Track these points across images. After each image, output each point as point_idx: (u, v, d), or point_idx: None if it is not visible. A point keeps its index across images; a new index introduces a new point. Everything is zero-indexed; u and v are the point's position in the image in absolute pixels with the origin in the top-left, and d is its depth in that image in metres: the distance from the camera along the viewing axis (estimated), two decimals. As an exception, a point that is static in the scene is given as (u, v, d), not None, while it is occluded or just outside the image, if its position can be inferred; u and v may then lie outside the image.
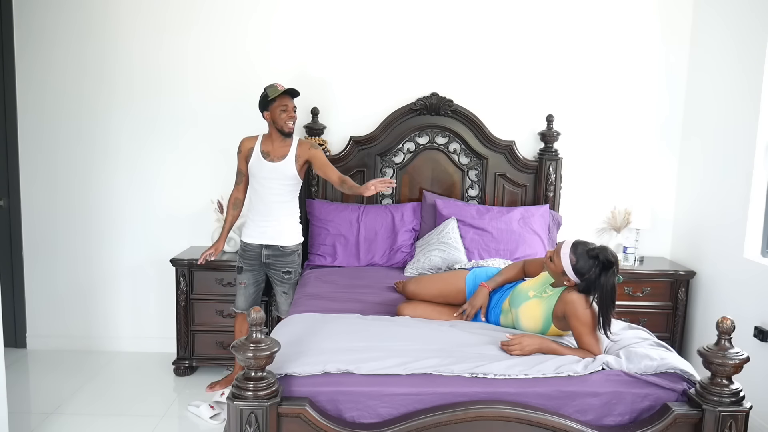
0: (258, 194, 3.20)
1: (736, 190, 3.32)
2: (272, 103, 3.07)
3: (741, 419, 1.97)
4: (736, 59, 3.37)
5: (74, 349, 3.95)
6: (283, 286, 3.25)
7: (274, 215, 3.18)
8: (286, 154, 3.14)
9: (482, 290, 2.62)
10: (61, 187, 3.89)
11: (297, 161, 3.15)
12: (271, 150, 3.15)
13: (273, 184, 3.14)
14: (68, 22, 3.75)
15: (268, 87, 3.11)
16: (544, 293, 2.43)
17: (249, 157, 3.18)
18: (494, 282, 2.64)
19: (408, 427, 1.95)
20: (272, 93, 3.06)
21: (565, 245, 2.32)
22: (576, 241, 2.34)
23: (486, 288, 2.62)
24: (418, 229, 3.69)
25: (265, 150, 3.16)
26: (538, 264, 2.60)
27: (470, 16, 3.81)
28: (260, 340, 1.89)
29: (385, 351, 2.16)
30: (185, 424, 3.12)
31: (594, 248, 2.29)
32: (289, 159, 3.13)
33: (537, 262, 2.62)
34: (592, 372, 2.08)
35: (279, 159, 3.13)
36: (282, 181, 3.15)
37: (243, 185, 3.28)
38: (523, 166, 3.83)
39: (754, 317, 3.09)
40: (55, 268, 3.94)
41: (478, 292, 2.63)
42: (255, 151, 3.17)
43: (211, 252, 3.24)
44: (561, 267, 2.31)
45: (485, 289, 2.62)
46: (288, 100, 3.10)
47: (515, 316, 2.48)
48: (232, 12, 3.78)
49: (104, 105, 3.83)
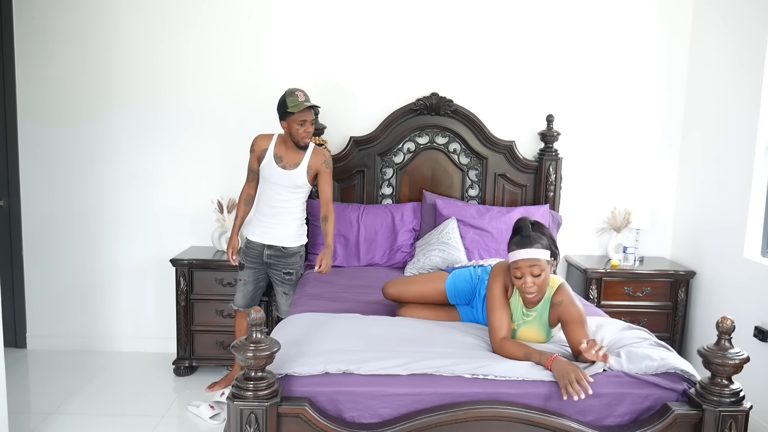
0: (266, 195, 3.18)
1: (736, 190, 3.32)
2: (291, 114, 2.98)
3: (741, 419, 1.97)
4: (736, 59, 3.37)
5: (74, 349, 3.95)
6: (284, 287, 3.25)
7: (278, 217, 3.17)
8: (299, 163, 3.10)
9: (561, 363, 2.08)
10: (61, 188, 3.88)
11: (309, 172, 3.11)
12: (285, 156, 3.10)
13: (281, 190, 3.13)
14: (68, 22, 3.75)
15: (288, 95, 2.99)
16: (526, 317, 2.32)
17: (262, 157, 3.14)
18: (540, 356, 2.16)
19: (408, 427, 1.95)
20: (292, 105, 2.95)
21: (514, 259, 2.22)
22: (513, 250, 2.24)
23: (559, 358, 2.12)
24: (418, 229, 3.69)
25: (279, 154, 3.11)
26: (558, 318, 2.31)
27: (470, 16, 3.81)
28: (260, 340, 1.89)
29: (385, 351, 2.16)
30: (185, 424, 3.12)
31: (516, 228, 2.27)
32: (301, 168, 3.10)
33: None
34: (593, 374, 2.07)
35: (291, 167, 3.09)
36: (291, 188, 3.13)
37: (255, 182, 3.25)
38: (523, 166, 3.82)
39: (754, 317, 3.09)
40: (55, 268, 3.94)
41: (563, 366, 2.06)
42: (268, 153, 3.12)
43: (231, 252, 3.23)
44: (545, 269, 2.20)
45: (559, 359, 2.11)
46: (308, 114, 3.00)
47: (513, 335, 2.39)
48: (231, 12, 3.77)
49: (104, 105, 3.83)
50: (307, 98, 3.01)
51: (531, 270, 2.18)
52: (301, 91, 3.01)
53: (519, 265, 2.20)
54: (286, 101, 2.98)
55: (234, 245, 3.25)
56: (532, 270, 2.18)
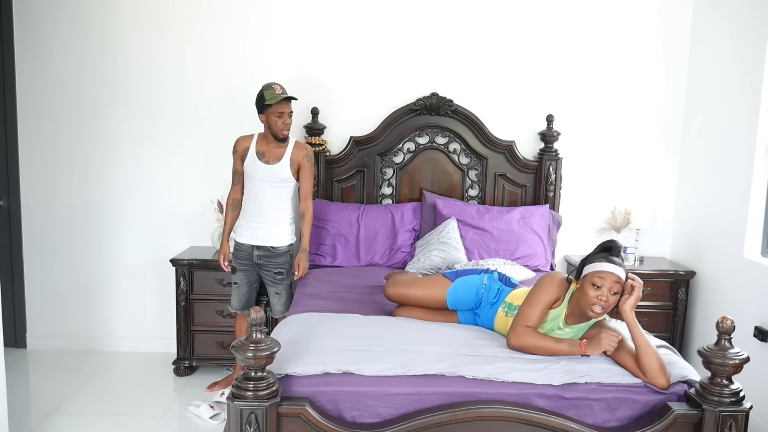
0: (251, 195, 3.19)
1: (736, 190, 3.32)
2: (268, 107, 3.04)
3: (741, 419, 1.97)
4: (736, 59, 3.37)
5: (74, 349, 3.95)
6: (276, 287, 3.25)
7: (265, 216, 3.17)
8: (281, 156, 3.13)
9: (591, 343, 2.19)
10: (61, 187, 3.88)
11: (292, 165, 3.14)
12: (266, 151, 3.14)
13: (267, 186, 3.14)
14: (68, 22, 3.75)
15: (266, 88, 3.06)
16: (560, 330, 2.26)
17: (245, 156, 3.17)
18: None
19: (408, 427, 1.95)
20: (269, 98, 3.02)
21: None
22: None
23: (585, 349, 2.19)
24: (418, 229, 3.69)
25: (261, 150, 3.14)
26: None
27: (470, 16, 3.81)
28: (260, 340, 1.89)
29: (385, 352, 2.16)
30: (185, 424, 3.12)
31: (606, 246, 2.24)
32: (284, 161, 3.12)
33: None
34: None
35: (274, 161, 3.12)
36: (276, 183, 3.14)
37: (240, 185, 3.27)
38: (523, 166, 3.82)
39: (754, 317, 3.09)
40: (55, 268, 3.94)
41: (595, 343, 2.17)
42: (250, 151, 3.15)
43: (222, 259, 3.27)
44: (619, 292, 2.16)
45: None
46: (285, 106, 3.06)
47: None
48: (231, 11, 3.77)
49: (104, 105, 3.83)
50: (284, 91, 3.09)
51: (613, 286, 2.13)
52: (278, 84, 3.09)
53: (605, 276, 2.13)
54: (264, 94, 3.05)
55: (225, 251, 3.27)
56: (614, 287, 2.13)
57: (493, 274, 2.59)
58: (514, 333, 2.20)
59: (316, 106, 3.76)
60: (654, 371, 2.04)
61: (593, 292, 2.13)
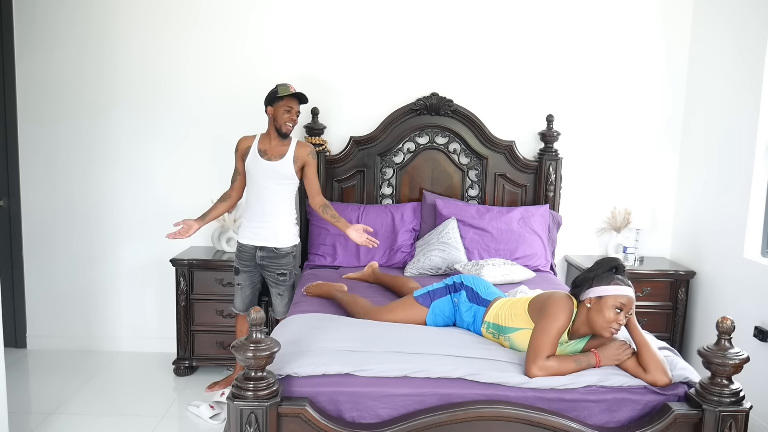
0: (254, 194, 3.18)
1: (737, 190, 3.32)
2: (279, 100, 3.06)
3: (741, 419, 1.97)
4: (736, 59, 3.37)
5: (74, 349, 3.95)
6: (278, 288, 3.25)
7: (268, 216, 3.16)
8: (284, 154, 3.13)
9: (604, 355, 2.19)
10: (61, 187, 3.88)
11: (296, 162, 3.13)
12: (269, 149, 3.14)
13: (269, 184, 3.13)
14: (68, 22, 3.75)
15: (281, 84, 3.09)
16: (565, 343, 2.25)
17: (246, 155, 3.16)
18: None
19: (408, 428, 1.95)
20: (282, 91, 3.05)
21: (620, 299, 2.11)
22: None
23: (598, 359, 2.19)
24: (418, 229, 3.69)
25: (263, 149, 3.14)
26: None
27: (470, 16, 3.81)
28: (260, 340, 1.89)
29: (385, 353, 2.16)
30: (185, 424, 3.12)
31: (613, 265, 2.19)
32: (287, 159, 3.12)
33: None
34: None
35: (277, 158, 3.12)
36: (279, 180, 3.13)
37: (238, 183, 3.26)
38: (523, 166, 3.82)
39: (754, 317, 3.09)
40: (55, 268, 3.94)
41: (607, 355, 2.18)
42: (252, 149, 3.15)
43: (183, 225, 3.08)
44: None
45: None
46: (295, 102, 3.09)
47: (510, 344, 2.35)
48: (231, 11, 3.77)
49: (104, 105, 3.83)
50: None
51: (629, 309, 2.12)
52: (293, 86, 3.13)
53: (625, 302, 2.10)
54: (278, 88, 3.09)
55: (188, 223, 3.07)
56: (630, 309, 2.12)
57: (460, 293, 2.54)
58: (536, 366, 2.10)
59: (316, 106, 3.76)
60: (656, 367, 2.05)
61: (614, 316, 2.10)
